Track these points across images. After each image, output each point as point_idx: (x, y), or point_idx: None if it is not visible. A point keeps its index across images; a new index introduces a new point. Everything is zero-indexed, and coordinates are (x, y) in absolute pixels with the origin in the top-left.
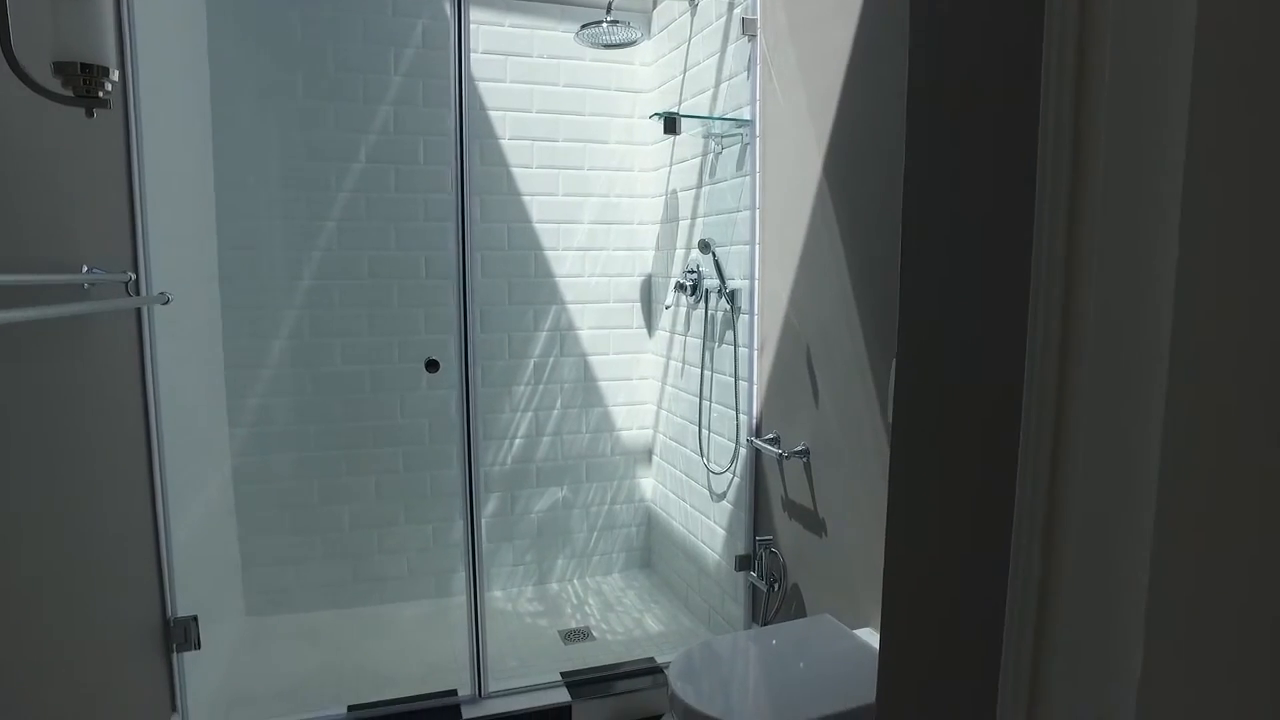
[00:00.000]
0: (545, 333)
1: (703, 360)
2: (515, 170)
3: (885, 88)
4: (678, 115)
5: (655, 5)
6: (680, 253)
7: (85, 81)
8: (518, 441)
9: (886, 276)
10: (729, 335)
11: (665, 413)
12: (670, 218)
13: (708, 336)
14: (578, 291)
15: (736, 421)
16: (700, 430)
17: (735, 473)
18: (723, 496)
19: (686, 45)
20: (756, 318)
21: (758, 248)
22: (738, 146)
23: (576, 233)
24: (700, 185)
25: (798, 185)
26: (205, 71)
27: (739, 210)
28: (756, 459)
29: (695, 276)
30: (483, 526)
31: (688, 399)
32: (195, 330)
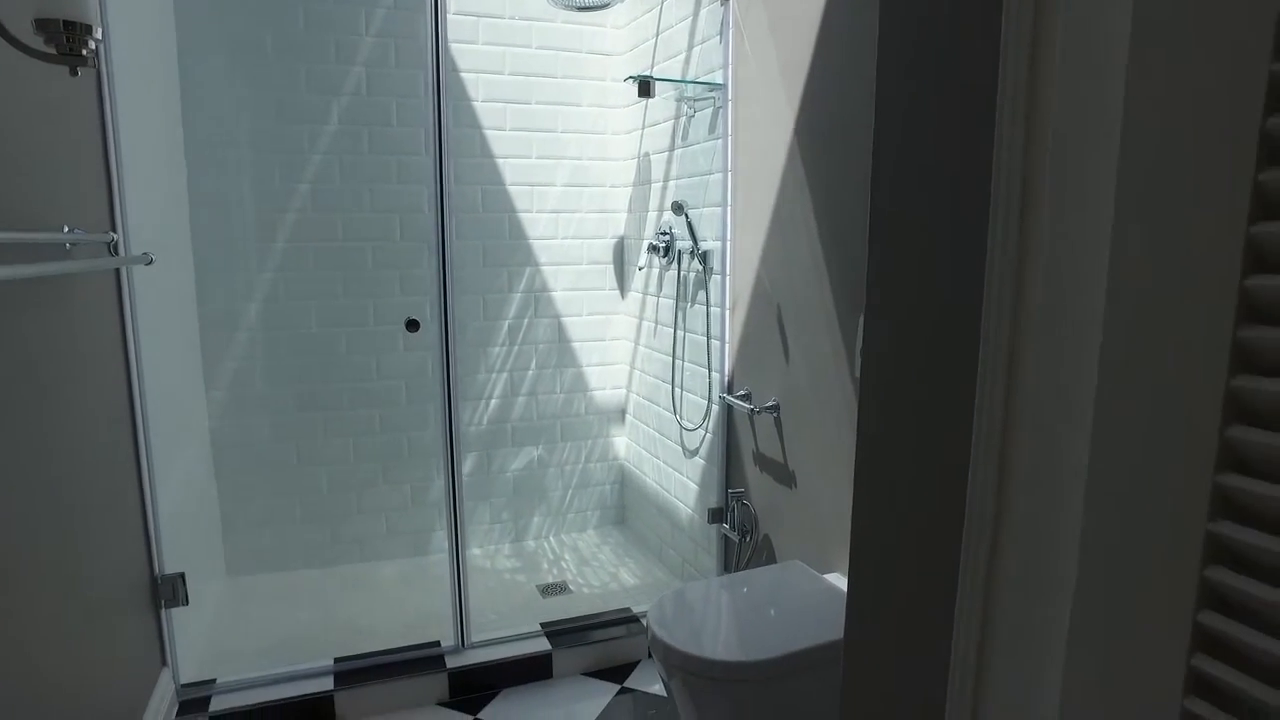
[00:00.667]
0: (519, 294)
1: (675, 320)
2: (488, 133)
3: (856, 51)
4: (652, 79)
5: None
6: (653, 215)
7: (68, 39)
8: (493, 402)
9: (855, 237)
10: (701, 295)
11: (638, 372)
12: (643, 180)
13: (680, 297)
14: (551, 254)
15: (709, 379)
16: (673, 388)
17: (708, 429)
18: (695, 452)
19: (659, 8)
20: (729, 278)
21: (730, 209)
22: (710, 110)
23: (550, 195)
24: (673, 148)
25: (769, 148)
26: (172, 27)
27: (711, 173)
28: (728, 415)
29: (668, 238)
30: (463, 483)
31: (660, 358)
32: (170, 293)
